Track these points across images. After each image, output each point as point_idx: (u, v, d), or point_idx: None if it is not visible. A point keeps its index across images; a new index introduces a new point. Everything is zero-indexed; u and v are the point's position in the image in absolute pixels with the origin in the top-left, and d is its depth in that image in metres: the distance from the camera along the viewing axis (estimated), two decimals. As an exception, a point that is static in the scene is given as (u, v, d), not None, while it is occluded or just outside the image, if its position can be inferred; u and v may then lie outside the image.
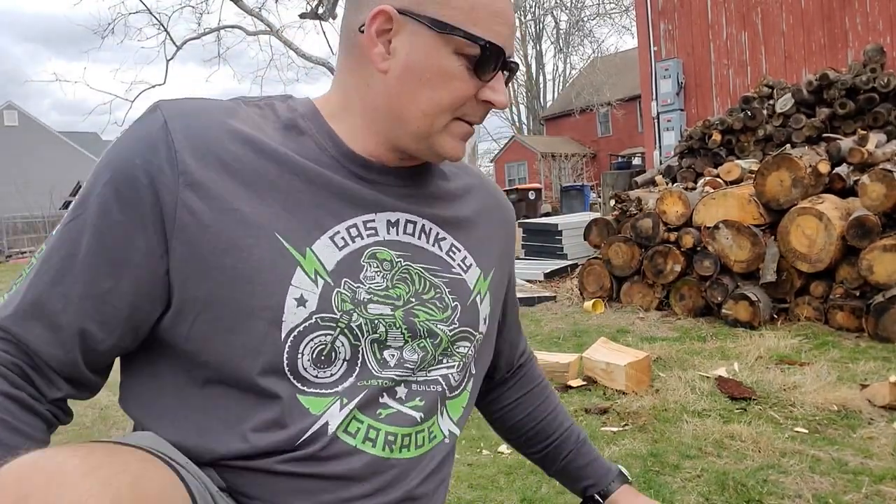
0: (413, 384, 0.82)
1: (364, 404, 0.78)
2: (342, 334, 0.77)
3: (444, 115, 0.78)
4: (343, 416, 0.76)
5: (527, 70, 33.13)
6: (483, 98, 0.78)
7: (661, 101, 10.86)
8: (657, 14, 11.17)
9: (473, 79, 0.76)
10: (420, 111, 0.77)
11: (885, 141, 5.97)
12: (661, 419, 3.17)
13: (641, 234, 5.54)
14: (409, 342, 0.81)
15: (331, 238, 0.78)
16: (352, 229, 0.79)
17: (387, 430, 0.79)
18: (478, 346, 0.90)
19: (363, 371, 0.78)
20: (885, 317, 4.18)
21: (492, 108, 0.80)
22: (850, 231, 4.43)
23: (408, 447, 0.81)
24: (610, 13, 23.30)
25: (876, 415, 3.05)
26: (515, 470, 2.71)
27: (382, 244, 0.81)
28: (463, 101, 0.77)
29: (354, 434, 0.77)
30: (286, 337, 0.74)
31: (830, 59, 9.04)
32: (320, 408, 0.76)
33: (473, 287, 0.88)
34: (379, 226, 0.81)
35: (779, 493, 2.39)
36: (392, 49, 0.76)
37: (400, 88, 0.77)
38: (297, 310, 0.74)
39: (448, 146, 0.80)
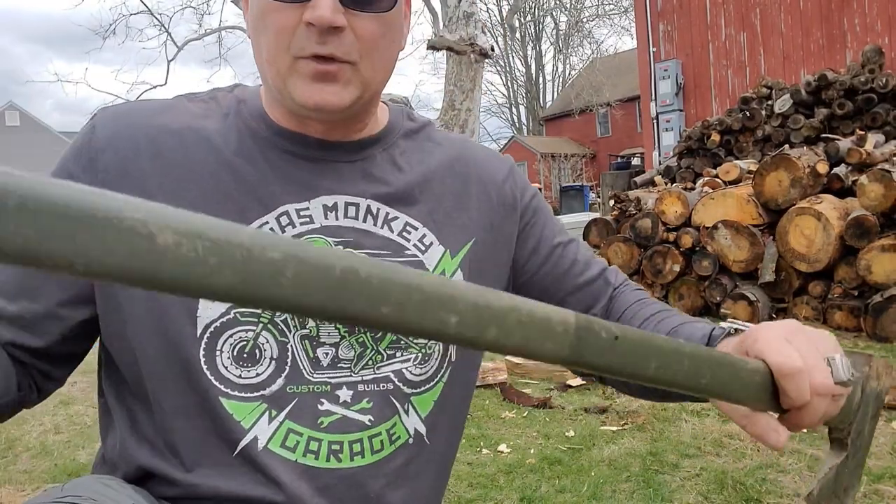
0: (358, 384, 0.75)
1: (299, 414, 0.73)
2: (266, 330, 0.73)
3: (280, 55, 0.70)
4: (273, 430, 0.72)
5: (526, 71, 33.18)
6: (305, 20, 0.68)
7: (660, 102, 10.87)
8: (656, 15, 11.19)
9: (288, 7, 0.68)
10: (265, 62, 0.72)
11: (883, 141, 5.98)
12: (660, 418, 3.18)
13: (640, 234, 5.56)
14: (346, 337, 0.74)
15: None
16: (282, 218, 0.75)
17: (330, 439, 0.73)
18: None
19: (294, 373, 0.73)
20: (883, 316, 4.19)
21: (314, 29, 0.68)
22: (848, 231, 4.44)
23: (361, 454, 0.75)
24: (609, 14, 23.36)
25: (874, 414, 3.07)
26: (515, 469, 2.72)
27: (318, 231, 0.75)
28: (287, 34, 0.69)
29: (294, 448, 0.72)
30: (202, 332, 0.71)
31: (829, 60, 9.06)
32: (244, 415, 0.72)
33: (435, 268, 0.80)
34: (314, 212, 0.76)
35: (777, 491, 2.40)
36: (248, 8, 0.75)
37: (255, 46, 0.74)
38: (213, 305, 0.71)
39: (299, 91, 0.70)
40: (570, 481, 2.59)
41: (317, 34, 0.68)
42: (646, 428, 3.08)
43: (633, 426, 3.12)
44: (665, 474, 2.60)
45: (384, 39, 0.73)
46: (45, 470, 2.96)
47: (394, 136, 0.84)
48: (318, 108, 0.71)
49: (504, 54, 31.45)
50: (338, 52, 0.69)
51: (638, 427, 3.10)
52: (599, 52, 29.81)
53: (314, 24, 0.67)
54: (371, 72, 0.73)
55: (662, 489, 2.47)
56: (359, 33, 0.70)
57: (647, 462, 2.71)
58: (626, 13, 22.76)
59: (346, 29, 0.69)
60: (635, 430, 3.07)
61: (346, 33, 0.69)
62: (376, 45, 0.72)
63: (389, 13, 0.72)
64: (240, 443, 0.72)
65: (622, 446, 2.87)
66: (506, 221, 0.87)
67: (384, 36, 0.72)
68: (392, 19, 0.73)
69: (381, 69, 0.74)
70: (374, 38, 0.71)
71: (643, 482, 2.54)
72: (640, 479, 2.57)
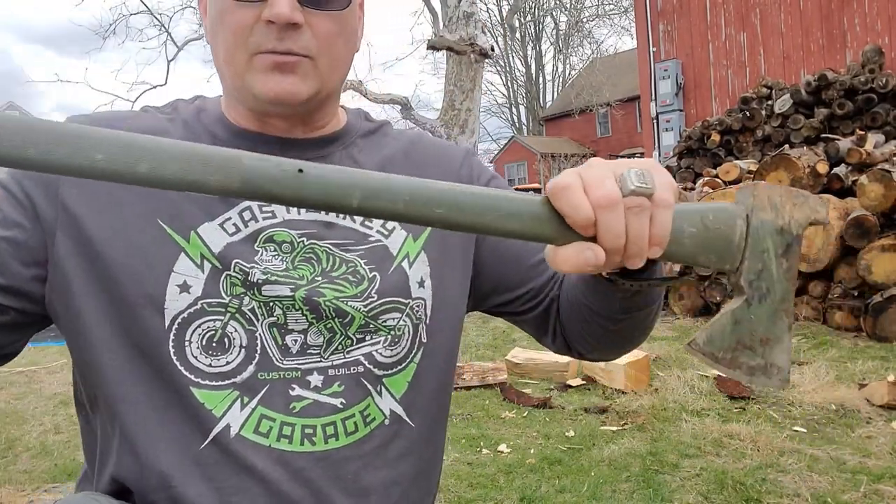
0: (329, 369, 0.76)
1: (271, 400, 0.74)
2: (233, 319, 0.74)
3: (238, 53, 0.72)
4: (246, 416, 0.73)
5: (526, 71, 33.18)
6: (264, 18, 0.70)
7: (660, 102, 10.88)
8: (656, 15, 11.19)
9: (246, 6, 0.71)
10: (223, 62, 0.75)
11: (883, 141, 5.98)
12: (660, 418, 3.18)
13: (640, 235, 5.56)
14: (314, 324, 0.75)
15: (220, 225, 0.75)
16: (245, 213, 0.76)
17: (303, 423, 0.74)
18: (426, 311, 0.82)
19: (264, 360, 0.74)
20: (883, 316, 4.19)
21: (273, 26, 0.70)
22: (848, 231, 4.44)
23: (335, 436, 0.75)
24: (609, 14, 23.37)
25: (874, 414, 3.07)
26: (515, 469, 2.72)
27: (281, 225, 0.77)
28: (245, 32, 0.71)
29: (267, 433, 0.73)
30: (170, 324, 0.72)
31: (829, 60, 9.06)
32: (215, 403, 0.72)
33: (398, 251, 0.81)
34: (276, 208, 0.77)
35: (777, 491, 2.40)
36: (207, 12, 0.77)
37: (213, 48, 0.76)
38: (181, 296, 0.72)
39: (258, 84, 0.72)
40: (570, 481, 2.59)
41: (275, 31, 0.70)
42: (646, 428, 3.08)
43: (633, 426, 3.12)
44: (665, 474, 2.60)
45: (340, 38, 0.75)
46: (45, 470, 2.96)
47: (352, 136, 0.86)
48: (278, 99, 0.73)
49: (504, 54, 31.46)
50: (295, 46, 0.71)
51: (638, 427, 3.10)
52: (599, 52, 29.83)
53: (273, 22, 0.70)
54: (328, 68, 0.75)
55: (662, 489, 2.47)
56: (316, 31, 0.72)
57: (647, 462, 2.71)
58: (626, 13, 22.77)
59: (303, 26, 0.71)
60: (635, 429, 3.07)
61: (304, 30, 0.72)
62: (333, 43, 0.74)
63: (344, 13, 0.75)
64: (212, 431, 0.72)
65: (622, 446, 2.87)
66: None
67: (340, 34, 0.75)
68: (347, 19, 0.76)
69: (337, 67, 0.77)
70: (331, 36, 0.74)
71: (643, 482, 2.54)
72: (640, 479, 2.57)
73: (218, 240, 0.74)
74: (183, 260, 0.73)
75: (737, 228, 0.54)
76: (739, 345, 0.55)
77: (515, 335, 5.25)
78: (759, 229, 0.54)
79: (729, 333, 0.55)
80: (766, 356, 0.55)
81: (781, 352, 0.55)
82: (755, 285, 0.54)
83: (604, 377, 3.70)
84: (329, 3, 0.73)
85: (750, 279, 0.54)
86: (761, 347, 0.55)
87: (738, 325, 0.54)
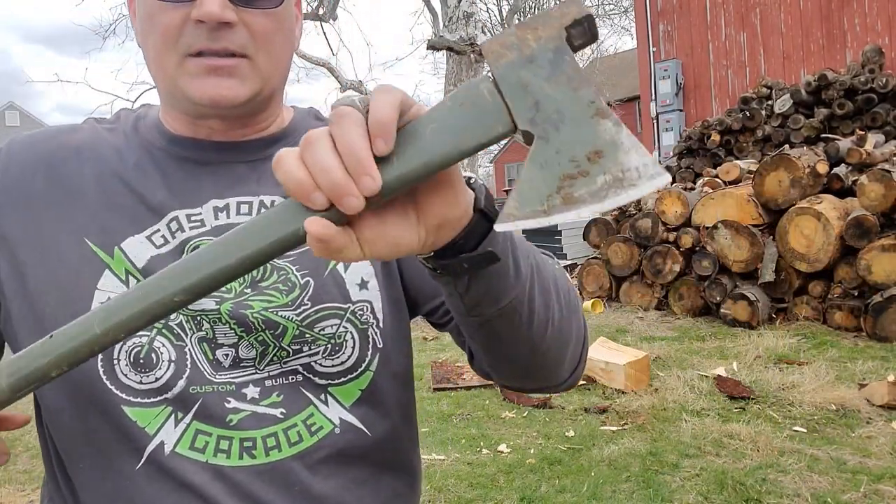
0: (265, 380, 0.73)
1: (206, 414, 0.71)
2: (160, 335, 0.72)
3: (167, 55, 0.69)
4: (181, 432, 0.71)
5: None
6: (193, 18, 0.67)
7: (660, 102, 10.87)
8: (656, 15, 11.19)
9: (174, 6, 0.68)
10: (154, 66, 0.72)
11: (883, 141, 5.98)
12: (660, 418, 3.18)
13: (640, 234, 5.56)
14: (244, 337, 0.72)
15: (148, 237, 0.73)
16: (172, 223, 0.74)
17: (241, 436, 0.72)
18: (375, 314, 0.77)
19: (195, 373, 0.71)
20: (883, 316, 4.19)
21: (204, 26, 0.67)
22: (848, 231, 4.44)
23: (277, 448, 0.72)
24: (609, 14, 23.35)
25: (874, 414, 3.07)
26: (515, 469, 2.72)
27: (208, 234, 0.74)
28: (174, 33, 0.68)
29: (203, 448, 0.71)
30: None
31: (829, 60, 9.06)
32: (148, 421, 0.70)
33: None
34: (205, 216, 0.75)
35: (777, 491, 2.40)
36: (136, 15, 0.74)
37: (144, 52, 0.73)
38: None
39: (193, 88, 0.69)
40: (570, 481, 2.59)
41: (206, 31, 0.67)
42: (646, 428, 3.08)
43: (633, 426, 3.12)
44: (665, 474, 2.60)
45: (278, 35, 0.72)
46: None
47: (296, 136, 0.81)
48: (215, 103, 0.70)
49: (504, 54, 31.41)
50: (231, 45, 0.68)
51: (638, 427, 3.10)
52: (599, 52, 29.81)
53: (203, 21, 0.67)
54: (268, 66, 0.72)
55: (662, 489, 2.47)
56: (252, 29, 0.69)
57: (647, 462, 2.71)
58: (625, 13, 22.72)
59: (237, 25, 0.68)
60: (635, 430, 3.07)
61: (238, 28, 0.68)
62: (271, 40, 0.71)
63: (278, 10, 0.72)
64: (146, 450, 0.70)
65: (622, 446, 2.87)
66: None
67: (277, 31, 0.72)
68: (283, 16, 0.73)
69: (277, 64, 0.74)
70: (268, 33, 0.71)
71: (643, 482, 2.54)
72: (639, 479, 2.57)
73: (142, 254, 0.73)
74: (107, 276, 0.72)
75: (483, 91, 0.46)
76: (564, 180, 0.44)
77: (515, 335, 5.25)
78: (506, 75, 0.46)
79: (542, 180, 0.44)
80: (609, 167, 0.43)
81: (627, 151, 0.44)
82: (538, 118, 0.45)
83: (604, 377, 3.70)
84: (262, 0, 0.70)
85: (529, 117, 0.45)
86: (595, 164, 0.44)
87: (546, 166, 0.44)
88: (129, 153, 0.77)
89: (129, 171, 0.76)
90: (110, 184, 0.75)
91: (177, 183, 0.76)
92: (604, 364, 3.69)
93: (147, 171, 0.76)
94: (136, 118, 0.82)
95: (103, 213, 0.74)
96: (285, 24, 0.74)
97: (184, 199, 0.75)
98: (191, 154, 0.77)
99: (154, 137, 0.79)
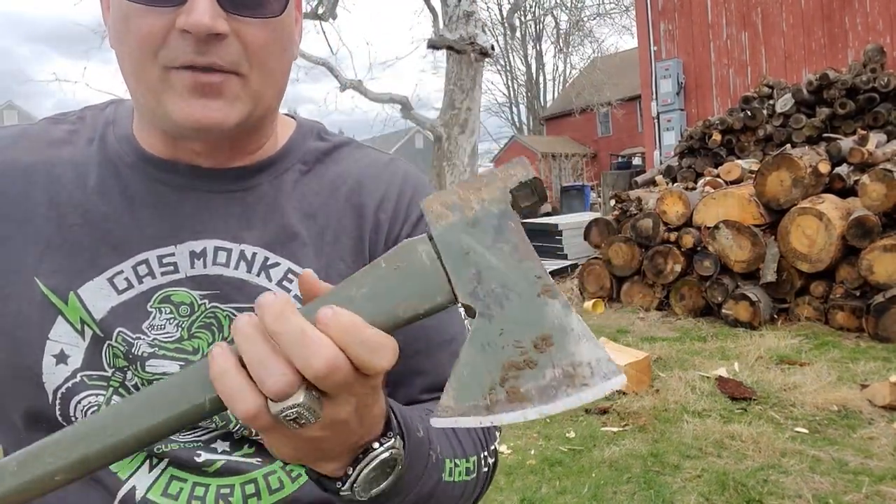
0: (233, 434, 0.67)
1: (180, 462, 0.66)
2: (117, 394, 0.65)
3: (147, 68, 0.59)
4: (154, 478, 0.65)
5: (527, 70, 33.17)
6: (179, 27, 0.57)
7: (661, 101, 10.86)
8: (657, 14, 11.18)
9: (155, 11, 0.57)
10: (132, 77, 0.61)
11: (885, 141, 5.96)
12: (662, 419, 3.17)
13: (642, 234, 5.54)
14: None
15: (109, 280, 0.64)
16: (140, 267, 0.65)
17: (219, 483, 0.66)
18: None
19: None
20: (885, 317, 4.18)
21: (191, 37, 0.57)
22: (850, 231, 4.43)
23: (256, 495, 0.66)
24: (610, 13, 23.35)
25: (876, 415, 3.05)
26: (515, 470, 2.71)
27: (181, 283, 0.65)
28: (155, 43, 0.58)
29: (177, 495, 0.65)
30: (52, 398, 0.64)
31: (830, 59, 9.04)
32: (120, 466, 0.65)
33: None
34: (179, 260, 0.65)
35: (779, 493, 2.39)
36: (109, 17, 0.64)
37: (118, 55, 0.62)
38: (57, 368, 0.63)
39: (176, 108, 0.59)
40: (571, 483, 2.58)
41: (193, 43, 0.57)
42: (647, 429, 3.07)
43: (634, 427, 3.11)
44: (666, 475, 2.59)
45: (275, 47, 0.62)
46: (44, 471, 2.96)
47: (290, 160, 0.72)
48: (200, 127, 0.60)
49: (504, 53, 31.44)
50: (221, 61, 0.59)
51: (639, 428, 3.09)
52: (600, 52, 29.80)
53: (190, 32, 0.57)
54: (262, 85, 0.62)
55: (664, 490, 2.46)
56: (246, 41, 0.60)
57: (648, 463, 2.70)
58: (626, 12, 22.72)
59: (229, 36, 0.59)
60: (636, 430, 3.06)
61: (230, 41, 0.59)
62: (268, 55, 0.62)
63: (279, 18, 0.62)
64: (117, 495, 0.65)
65: (623, 447, 2.86)
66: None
67: (275, 43, 0.62)
68: (283, 25, 0.63)
69: (273, 81, 0.64)
70: (264, 47, 0.61)
71: (644, 483, 2.53)
72: (641, 480, 2.56)
73: (102, 302, 0.64)
74: (60, 325, 0.63)
75: (421, 254, 0.43)
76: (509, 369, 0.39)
77: (516, 335, 5.24)
78: (446, 239, 0.43)
79: (484, 366, 0.39)
80: (558, 359, 0.39)
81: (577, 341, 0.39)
82: (480, 292, 0.41)
83: (605, 378, 3.70)
84: (261, 7, 0.60)
85: (470, 289, 0.41)
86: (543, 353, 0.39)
87: (488, 348, 0.40)
88: (92, 172, 0.67)
89: (89, 196, 0.66)
90: (66, 213, 0.65)
91: (148, 216, 0.66)
92: (605, 364, 3.69)
93: (113, 198, 0.66)
94: (104, 123, 0.71)
95: (57, 249, 0.64)
96: (284, 33, 0.64)
97: (155, 235, 0.66)
98: (165, 178, 0.67)
99: (125, 151, 0.68)
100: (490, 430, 0.72)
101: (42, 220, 0.65)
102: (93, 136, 0.70)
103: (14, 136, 0.70)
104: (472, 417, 0.39)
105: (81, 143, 0.69)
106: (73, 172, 0.67)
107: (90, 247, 0.65)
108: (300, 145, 0.74)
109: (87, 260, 0.65)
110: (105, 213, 0.66)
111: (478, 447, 0.69)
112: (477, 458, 0.68)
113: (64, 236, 0.65)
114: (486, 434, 0.71)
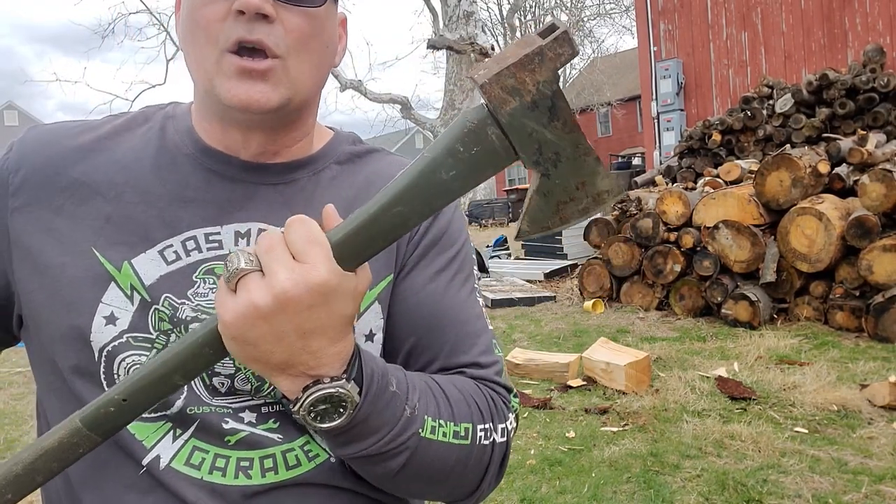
0: (262, 407, 0.72)
1: (204, 432, 0.70)
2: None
3: (208, 50, 0.67)
4: (178, 448, 0.70)
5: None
6: (234, 9, 0.66)
7: (661, 101, 10.86)
8: (657, 14, 11.18)
9: (216, 0, 0.66)
10: (195, 64, 0.69)
11: (884, 141, 5.97)
12: (661, 419, 3.17)
13: (641, 234, 5.55)
14: (242, 370, 0.70)
15: (160, 252, 0.71)
16: (189, 242, 0.72)
17: (239, 455, 0.71)
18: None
19: (192, 396, 0.71)
20: (884, 317, 4.18)
21: (243, 17, 0.66)
22: (849, 231, 4.43)
23: (273, 469, 0.71)
24: (610, 13, 23.34)
25: (876, 415, 3.06)
26: (515, 470, 2.72)
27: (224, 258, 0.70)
28: (216, 27, 0.66)
29: (199, 465, 0.70)
30: (98, 356, 0.70)
31: (830, 60, 9.05)
32: (146, 434, 0.70)
33: None
34: (225, 238, 0.73)
35: (778, 492, 2.40)
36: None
37: (186, 50, 0.71)
38: (106, 328, 0.70)
39: (223, 89, 0.67)
40: (571, 482, 2.58)
41: (245, 21, 0.66)
42: (647, 429, 3.07)
43: (633, 427, 3.11)
44: (666, 475, 2.59)
45: (314, 40, 0.70)
46: (45, 470, 2.96)
47: (326, 160, 0.80)
48: (245, 106, 0.67)
49: (505, 54, 31.41)
50: (267, 40, 0.66)
51: (639, 428, 3.09)
52: (600, 52, 29.79)
53: (243, 11, 0.65)
54: (300, 72, 0.69)
55: (663, 490, 2.46)
56: (287, 27, 0.67)
57: (647, 463, 2.70)
58: (626, 12, 22.71)
59: (275, 20, 0.67)
60: (636, 430, 3.06)
61: (276, 25, 0.67)
62: (306, 43, 0.69)
63: (319, 10, 0.70)
64: (142, 462, 0.70)
65: (623, 447, 2.86)
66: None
67: (314, 35, 0.70)
68: (321, 19, 0.70)
69: (310, 72, 0.71)
70: (303, 35, 0.69)
71: (644, 483, 2.53)
72: (640, 479, 2.56)
73: (152, 271, 0.71)
74: (112, 290, 0.70)
75: (492, 138, 0.55)
76: (560, 205, 0.57)
77: (515, 336, 5.25)
78: (512, 123, 0.54)
79: (545, 205, 0.58)
80: (590, 192, 0.57)
81: (601, 179, 0.57)
82: (542, 160, 0.55)
83: (604, 378, 3.70)
84: None
85: (534, 159, 0.55)
86: (581, 191, 0.57)
87: (549, 195, 0.57)
88: (149, 157, 0.75)
89: (147, 177, 0.74)
90: (123, 192, 0.73)
91: (199, 197, 0.73)
92: (604, 365, 3.69)
93: (168, 179, 0.74)
94: (164, 116, 0.79)
95: (114, 224, 0.72)
96: (324, 31, 0.71)
97: (204, 217, 0.73)
98: (217, 168, 0.75)
99: (183, 142, 0.76)
100: (496, 405, 0.75)
101: (101, 199, 0.73)
102: (153, 126, 0.78)
103: (78, 126, 0.78)
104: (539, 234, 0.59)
105: (140, 135, 0.77)
106: (132, 156, 0.75)
107: (145, 223, 0.72)
108: (336, 148, 0.82)
109: (142, 234, 0.72)
110: (160, 194, 0.73)
111: (474, 417, 0.71)
112: (472, 427, 0.71)
113: (120, 211, 0.72)
114: (489, 406, 0.74)
